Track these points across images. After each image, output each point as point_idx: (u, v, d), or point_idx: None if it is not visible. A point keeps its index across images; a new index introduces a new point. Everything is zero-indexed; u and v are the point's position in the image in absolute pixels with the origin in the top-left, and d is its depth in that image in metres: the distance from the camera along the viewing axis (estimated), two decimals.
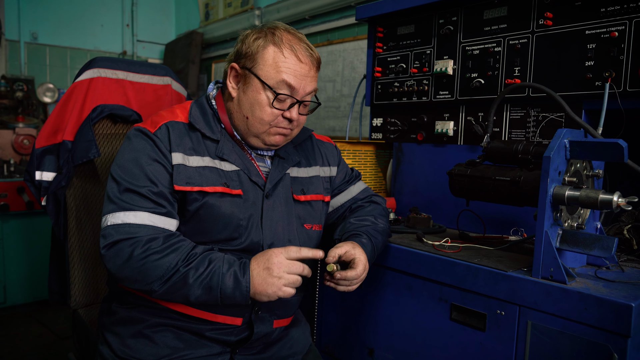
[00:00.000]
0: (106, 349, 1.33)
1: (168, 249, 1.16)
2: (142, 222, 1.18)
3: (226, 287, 1.15)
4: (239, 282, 1.15)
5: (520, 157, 1.32)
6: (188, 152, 1.28)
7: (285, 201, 1.38)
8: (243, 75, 1.32)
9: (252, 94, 1.30)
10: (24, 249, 3.51)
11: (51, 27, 4.51)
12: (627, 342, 0.99)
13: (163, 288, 1.16)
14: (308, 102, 1.36)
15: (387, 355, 1.50)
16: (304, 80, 1.30)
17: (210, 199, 1.26)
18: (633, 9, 1.31)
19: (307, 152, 1.51)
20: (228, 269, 1.16)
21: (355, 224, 1.43)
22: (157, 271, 1.14)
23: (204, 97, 1.41)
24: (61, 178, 1.66)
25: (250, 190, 1.32)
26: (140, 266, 1.15)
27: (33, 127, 3.86)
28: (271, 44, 1.29)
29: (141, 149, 1.25)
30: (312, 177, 1.48)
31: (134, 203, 1.20)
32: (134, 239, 1.16)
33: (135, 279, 1.17)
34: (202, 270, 1.15)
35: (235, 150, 1.35)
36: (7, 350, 2.96)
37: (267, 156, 1.42)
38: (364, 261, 1.27)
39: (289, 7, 3.66)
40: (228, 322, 1.30)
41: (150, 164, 1.24)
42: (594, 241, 1.12)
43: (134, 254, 1.15)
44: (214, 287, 1.15)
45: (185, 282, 1.15)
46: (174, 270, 1.14)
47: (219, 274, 1.15)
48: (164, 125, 1.29)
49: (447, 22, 1.72)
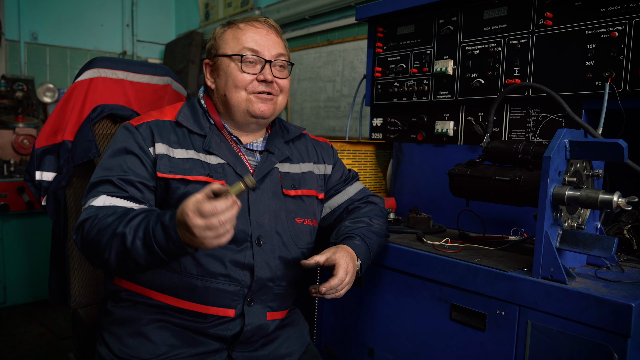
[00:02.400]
0: (104, 349, 1.34)
1: (115, 217, 1.16)
2: (103, 204, 1.22)
3: (159, 240, 1.08)
4: (168, 233, 1.07)
5: (520, 157, 1.32)
6: (173, 145, 1.32)
7: (274, 195, 1.39)
8: (214, 64, 1.42)
9: (223, 72, 1.38)
10: (24, 249, 3.51)
11: (51, 27, 4.51)
12: (627, 342, 0.99)
13: (112, 255, 1.14)
14: (282, 64, 1.41)
15: (387, 355, 1.50)
16: (266, 42, 1.38)
17: (193, 189, 1.27)
18: (633, 9, 1.31)
19: (299, 148, 1.53)
20: (156, 222, 1.10)
21: (350, 226, 1.44)
22: (103, 239, 1.14)
23: (195, 99, 1.48)
24: (61, 178, 1.66)
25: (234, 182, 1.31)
26: (92, 237, 1.16)
27: (33, 127, 3.86)
28: (227, 28, 1.42)
29: (119, 141, 1.32)
30: (304, 172, 1.49)
31: (100, 190, 1.24)
32: (92, 217, 1.19)
33: (92, 253, 1.19)
34: (134, 229, 1.11)
35: (224, 144, 1.39)
36: (7, 350, 2.96)
37: (257, 151, 1.45)
38: (345, 265, 1.24)
39: (289, 7, 3.66)
40: (221, 313, 1.30)
41: (124, 155, 1.29)
42: (594, 241, 1.12)
43: (90, 229, 1.17)
44: (149, 244, 1.09)
45: (125, 245, 1.11)
46: (112, 232, 1.13)
47: (149, 229, 1.09)
48: (146, 123, 1.34)
49: (447, 22, 1.72)
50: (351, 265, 1.27)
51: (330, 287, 1.21)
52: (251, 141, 1.45)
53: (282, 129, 1.54)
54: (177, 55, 4.83)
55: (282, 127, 1.54)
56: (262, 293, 1.34)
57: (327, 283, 1.22)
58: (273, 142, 1.46)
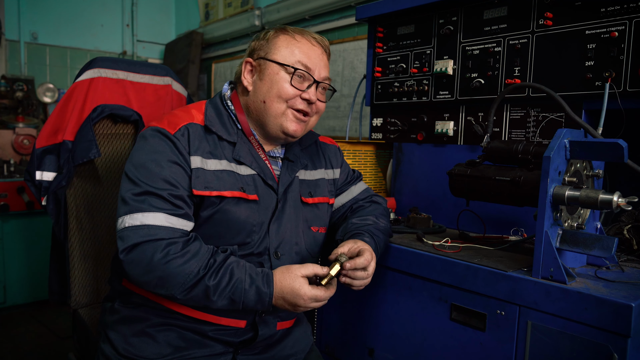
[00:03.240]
0: (108, 347, 1.33)
1: (188, 254, 1.15)
2: (161, 224, 1.17)
3: (249, 301, 1.17)
4: (262, 298, 1.18)
5: (520, 157, 1.32)
6: (206, 155, 1.27)
7: (294, 204, 1.39)
8: (258, 65, 1.35)
9: (269, 77, 1.32)
10: (24, 249, 3.51)
11: (51, 27, 4.51)
12: (627, 342, 0.99)
13: (186, 297, 1.16)
14: (325, 87, 1.38)
15: (387, 355, 1.50)
16: (319, 62, 1.34)
17: (226, 204, 1.25)
18: (633, 9, 1.31)
19: (312, 155, 1.52)
20: (251, 284, 1.17)
21: (357, 223, 1.44)
22: (177, 278, 1.14)
23: (217, 97, 1.40)
24: (61, 178, 1.66)
25: (265, 194, 1.33)
26: (161, 272, 1.14)
27: (33, 127, 3.86)
28: (282, 33, 1.36)
29: (161, 150, 1.23)
30: (317, 179, 1.49)
31: (153, 204, 1.18)
32: (153, 242, 1.15)
33: (156, 284, 1.16)
34: (224, 284, 1.16)
35: (252, 152, 1.35)
36: (7, 350, 2.96)
37: (279, 158, 1.42)
38: (370, 249, 1.27)
39: (289, 7, 3.66)
40: (232, 324, 1.30)
41: (170, 166, 1.22)
42: (594, 241, 1.12)
43: (154, 259, 1.13)
44: (236, 300, 1.17)
45: (208, 296, 1.16)
46: (195, 279, 1.14)
47: (241, 289, 1.16)
48: (184, 127, 1.27)
49: (447, 22, 1.72)
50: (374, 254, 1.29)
51: (356, 265, 1.22)
52: (272, 148, 1.42)
53: None
54: (177, 55, 4.83)
55: None
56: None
57: (352, 260, 1.22)
58: (292, 150, 1.44)
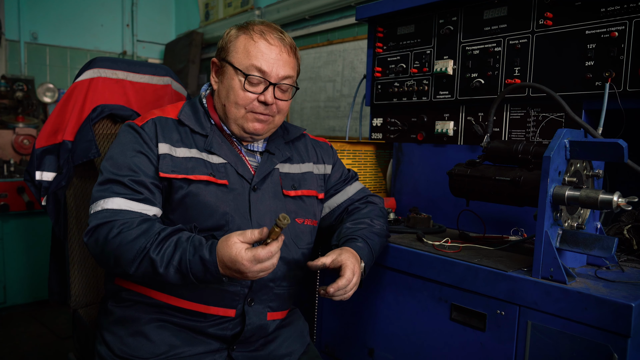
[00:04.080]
0: (104, 349, 1.34)
1: (138, 231, 1.18)
2: (119, 207, 1.22)
3: (196, 271, 1.14)
4: (207, 267, 1.13)
5: (520, 157, 1.32)
6: (175, 144, 1.33)
7: (274, 195, 1.40)
8: (221, 67, 1.39)
9: (227, 81, 1.36)
10: (24, 249, 3.51)
11: (51, 27, 4.51)
12: (627, 342, 0.99)
13: (137, 272, 1.18)
14: (286, 87, 1.38)
15: (387, 355, 1.50)
16: (275, 63, 1.34)
17: (195, 188, 1.29)
18: (633, 9, 1.31)
19: (299, 149, 1.54)
20: (194, 254, 1.15)
21: (351, 228, 1.44)
22: (127, 254, 1.17)
23: (197, 97, 1.48)
24: (61, 178, 1.66)
25: (236, 182, 1.35)
26: (115, 249, 1.18)
27: (33, 127, 3.86)
28: (243, 33, 1.36)
29: (127, 142, 1.31)
30: (304, 173, 1.50)
31: (113, 190, 1.25)
32: (110, 223, 1.20)
33: (110, 262, 1.20)
34: (168, 256, 1.16)
35: (225, 144, 1.39)
36: (7, 350, 2.96)
37: (257, 152, 1.45)
38: (351, 266, 1.25)
39: (289, 7, 3.66)
40: (221, 313, 1.31)
41: (134, 155, 1.29)
42: (594, 241, 1.12)
43: (109, 237, 1.18)
44: (184, 272, 1.15)
45: (155, 268, 1.16)
46: (143, 253, 1.16)
47: (186, 260, 1.15)
48: (151, 120, 1.35)
49: (447, 22, 1.72)
50: (357, 266, 1.27)
51: (339, 287, 1.21)
52: (251, 142, 1.45)
53: (282, 129, 1.54)
54: (177, 55, 4.83)
55: (283, 128, 1.54)
56: (262, 293, 1.34)
57: (335, 284, 1.21)
58: (274, 143, 1.47)
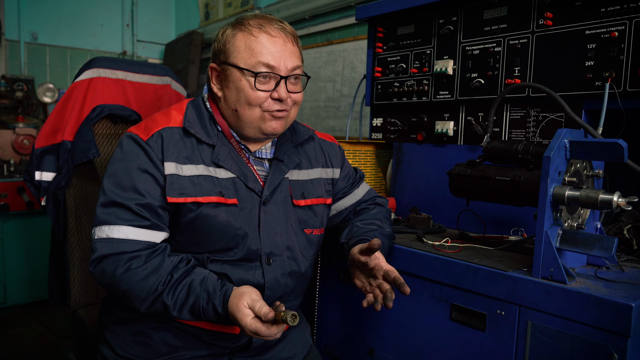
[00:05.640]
0: (106, 349, 1.34)
1: (148, 269, 1.17)
2: (126, 237, 1.18)
3: (209, 316, 1.18)
4: (219, 317, 1.17)
5: (520, 157, 1.32)
6: (182, 160, 1.25)
7: (284, 206, 1.35)
8: (222, 71, 1.29)
9: (234, 85, 1.27)
10: (24, 249, 3.51)
11: (51, 27, 4.51)
12: (627, 342, 0.99)
13: (148, 311, 1.18)
14: (297, 78, 1.31)
15: (387, 355, 1.50)
16: (282, 55, 1.25)
17: (205, 210, 1.23)
18: (633, 9, 1.31)
19: (308, 152, 1.46)
20: (208, 302, 1.16)
21: (362, 227, 1.41)
22: (138, 294, 1.16)
23: (200, 98, 1.38)
24: (61, 178, 1.66)
25: (246, 198, 1.29)
26: (124, 286, 1.17)
27: (33, 127, 3.86)
28: (239, 31, 1.27)
29: (131, 158, 1.23)
30: (313, 179, 1.44)
31: (119, 216, 1.19)
32: (116, 256, 1.17)
33: (121, 297, 1.20)
34: (181, 301, 1.17)
35: (232, 155, 1.31)
36: (7, 350, 2.96)
37: (265, 159, 1.38)
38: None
39: (289, 7, 3.66)
40: (227, 330, 1.30)
41: (139, 175, 1.22)
42: (594, 241, 1.12)
43: (116, 273, 1.16)
44: (197, 315, 1.18)
45: (168, 312, 1.17)
46: (154, 295, 1.16)
47: (199, 307, 1.16)
48: (157, 133, 1.26)
49: (447, 22, 1.72)
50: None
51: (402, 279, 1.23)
52: (259, 148, 1.37)
53: (290, 131, 1.45)
54: (177, 55, 4.83)
55: (291, 129, 1.45)
56: None
57: (398, 277, 1.22)
58: (282, 149, 1.39)
